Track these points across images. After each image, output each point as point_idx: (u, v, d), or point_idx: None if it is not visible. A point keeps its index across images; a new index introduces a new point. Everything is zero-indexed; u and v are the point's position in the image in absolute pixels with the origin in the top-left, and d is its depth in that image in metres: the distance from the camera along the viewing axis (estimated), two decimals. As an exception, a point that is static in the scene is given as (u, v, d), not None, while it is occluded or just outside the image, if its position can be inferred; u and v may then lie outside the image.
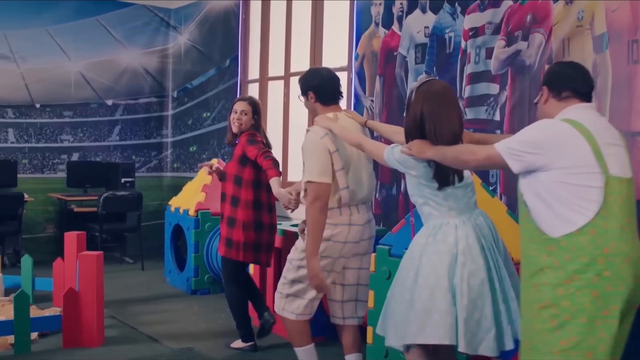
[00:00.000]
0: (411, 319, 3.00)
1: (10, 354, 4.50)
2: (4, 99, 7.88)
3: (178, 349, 4.62)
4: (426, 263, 3.01)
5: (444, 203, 3.05)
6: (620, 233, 2.54)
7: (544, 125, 2.70)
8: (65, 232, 5.83)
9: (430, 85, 3.07)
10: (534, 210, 2.67)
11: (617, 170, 2.58)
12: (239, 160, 4.55)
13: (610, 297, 2.51)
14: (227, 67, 7.90)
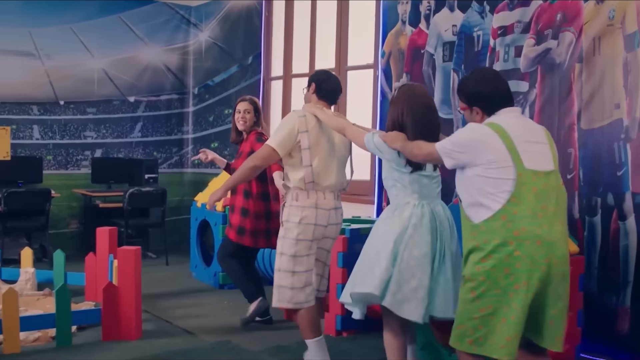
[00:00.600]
0: (358, 274, 3.57)
1: (52, 346, 4.59)
2: (29, 96, 7.97)
3: (216, 342, 4.70)
4: (380, 231, 3.54)
5: (408, 187, 3.53)
6: (532, 219, 2.94)
7: (470, 128, 3.13)
8: (97, 228, 5.92)
9: (412, 88, 3.65)
10: (464, 201, 3.13)
11: (532, 164, 2.98)
12: (248, 156, 4.62)
13: (520, 274, 2.92)
14: (250, 64, 7.98)
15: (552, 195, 3.01)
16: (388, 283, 3.40)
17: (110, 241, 5.78)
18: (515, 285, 2.92)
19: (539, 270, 2.92)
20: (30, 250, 6.10)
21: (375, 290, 3.41)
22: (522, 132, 3.04)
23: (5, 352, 4.40)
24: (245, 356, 4.42)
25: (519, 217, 2.93)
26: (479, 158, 3.01)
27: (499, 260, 2.94)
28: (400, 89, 3.66)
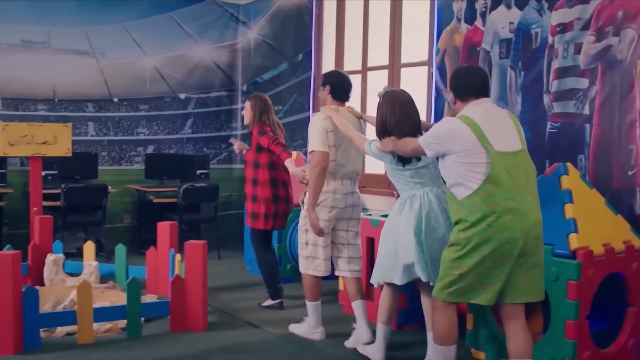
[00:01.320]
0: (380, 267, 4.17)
1: (123, 337, 4.74)
2: (85, 93, 8.17)
3: (281, 334, 4.82)
4: (400, 225, 4.05)
5: (410, 180, 4.08)
6: (506, 193, 3.44)
7: (444, 122, 3.69)
8: (158, 223, 6.08)
9: (393, 92, 4.21)
10: (447, 182, 3.64)
11: (501, 146, 3.48)
12: (255, 148, 5.54)
13: (496, 240, 3.43)
14: (300, 61, 8.08)
15: (522, 172, 3.52)
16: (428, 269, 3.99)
17: (171, 236, 5.93)
18: (490, 249, 3.44)
19: (514, 237, 3.43)
20: (92, 244, 6.26)
21: (424, 277, 4.03)
22: (490, 120, 3.54)
23: (80, 342, 4.56)
24: (311, 348, 4.53)
25: (495, 193, 3.44)
26: (454, 147, 3.51)
27: (479, 229, 3.45)
28: (383, 95, 4.19)
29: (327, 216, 4.58)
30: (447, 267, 3.59)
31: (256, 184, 5.52)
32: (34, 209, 6.49)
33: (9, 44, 7.79)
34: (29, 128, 6.41)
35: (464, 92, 3.68)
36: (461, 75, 3.76)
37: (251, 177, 5.57)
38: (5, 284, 4.28)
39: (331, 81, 4.76)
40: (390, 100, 4.14)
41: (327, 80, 4.78)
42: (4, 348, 4.30)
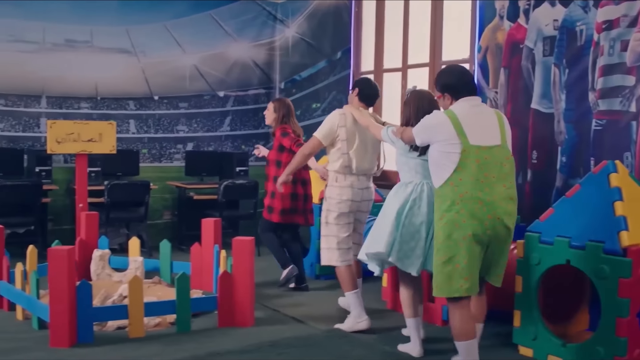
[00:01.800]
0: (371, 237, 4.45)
1: (173, 332, 4.82)
2: (126, 91, 8.29)
3: (327, 329, 4.87)
4: (389, 204, 4.42)
5: (413, 168, 4.40)
6: (474, 184, 3.68)
7: (431, 115, 4.01)
8: (202, 219, 6.15)
9: (420, 92, 4.55)
10: (431, 171, 3.91)
11: (476, 141, 3.73)
12: (278, 148, 6.04)
13: (466, 227, 3.67)
14: (339, 59, 8.13)
15: (496, 165, 3.76)
16: (393, 244, 4.29)
17: (215, 232, 6.01)
18: (462, 237, 3.68)
19: (482, 224, 3.69)
20: (138, 240, 6.36)
21: (383, 249, 4.31)
22: (472, 116, 3.81)
23: (131, 335, 4.65)
24: (359, 343, 4.57)
25: (462, 183, 3.69)
26: (436, 137, 3.82)
27: (450, 217, 3.70)
28: (411, 93, 4.56)
29: (348, 208, 4.97)
30: (434, 263, 3.86)
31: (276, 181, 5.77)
32: (79, 205, 6.60)
33: (53, 43, 7.94)
34: (75, 126, 6.51)
35: (458, 90, 3.93)
36: (456, 75, 4.00)
37: (273, 174, 5.99)
38: (60, 278, 4.38)
39: (361, 85, 5.19)
40: (417, 98, 4.47)
41: (358, 84, 5.23)
42: (60, 341, 4.40)
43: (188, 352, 4.36)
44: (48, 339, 4.49)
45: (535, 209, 5.55)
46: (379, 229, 4.40)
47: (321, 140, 5.00)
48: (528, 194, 5.70)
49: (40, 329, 4.80)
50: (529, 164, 5.71)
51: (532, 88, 5.68)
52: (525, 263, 4.38)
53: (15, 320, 5.08)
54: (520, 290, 4.41)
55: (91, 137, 6.56)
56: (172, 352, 4.37)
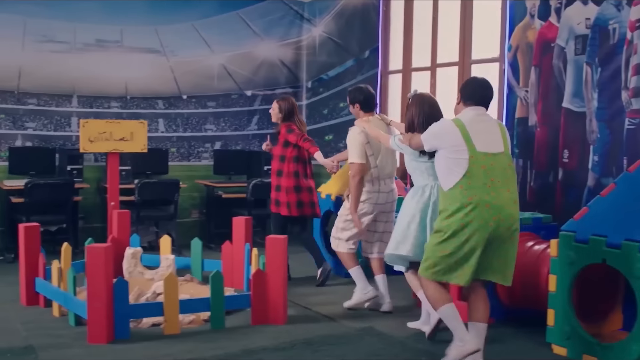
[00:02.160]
0: (391, 243, 4.78)
1: (207, 329, 4.87)
2: (156, 90, 8.37)
3: (360, 328, 4.90)
4: (410, 208, 4.69)
5: (425, 172, 4.66)
6: (482, 188, 3.94)
7: (440, 123, 4.27)
8: (233, 217, 6.21)
9: (421, 96, 4.79)
10: (438, 174, 4.17)
11: (483, 148, 4.00)
12: (283, 144, 6.29)
13: (472, 228, 3.94)
14: (366, 58, 8.15)
15: (500, 171, 4.02)
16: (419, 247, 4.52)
17: (246, 230, 6.06)
18: (467, 236, 3.95)
19: (487, 226, 3.94)
20: (169, 238, 6.43)
21: (409, 253, 4.65)
22: (478, 125, 4.08)
23: (166, 332, 4.71)
24: (392, 341, 4.59)
25: (471, 187, 3.95)
26: (444, 143, 4.07)
27: (458, 217, 3.96)
28: (413, 97, 4.79)
29: (372, 210, 5.43)
30: (431, 250, 4.14)
31: (281, 175, 6.25)
32: (111, 203, 6.68)
33: (84, 43, 8.04)
34: (108, 125, 6.60)
35: (469, 98, 4.22)
36: (473, 85, 4.32)
37: (277, 169, 6.31)
38: (98, 276, 4.45)
39: (359, 98, 5.56)
40: (419, 102, 4.73)
41: (355, 98, 5.59)
42: (97, 337, 4.47)
43: (223, 349, 4.41)
44: (85, 335, 4.56)
45: (566, 208, 5.56)
46: (403, 231, 4.69)
47: (361, 162, 5.32)
48: (559, 192, 5.70)
49: (77, 325, 4.87)
50: (559, 163, 5.70)
51: (563, 87, 5.67)
52: (559, 262, 4.38)
53: (52, 317, 5.16)
54: (554, 290, 4.41)
55: (123, 136, 6.64)
56: (207, 349, 4.42)
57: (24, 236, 5.54)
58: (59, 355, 4.26)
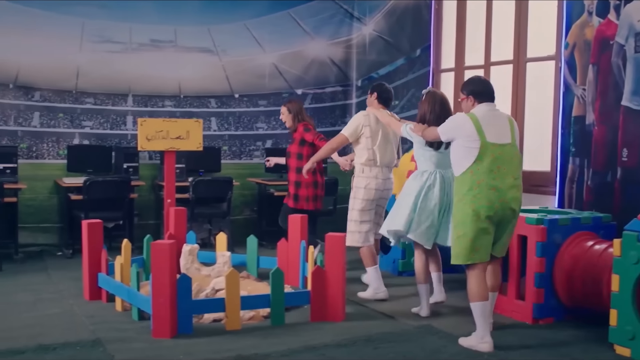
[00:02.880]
0: (387, 218, 5.40)
1: (267, 325, 4.94)
2: (208, 89, 8.48)
3: (419, 325, 4.92)
4: (407, 188, 5.31)
5: (428, 160, 5.27)
6: (489, 174, 4.43)
7: (456, 117, 4.71)
8: (290, 215, 6.27)
9: (434, 93, 5.34)
10: (452, 161, 4.63)
11: (492, 139, 4.46)
12: (299, 142, 6.65)
13: (480, 209, 4.42)
14: (418, 56, 8.15)
15: (507, 160, 4.50)
16: (411, 223, 5.16)
17: (302, 228, 6.11)
18: (476, 217, 4.43)
19: (493, 207, 4.43)
20: (225, 235, 6.52)
21: (402, 227, 5.19)
22: (489, 119, 4.53)
23: (228, 328, 4.78)
24: (452, 340, 4.59)
25: (480, 172, 4.44)
26: (459, 134, 4.54)
27: (468, 200, 4.45)
28: (426, 94, 5.33)
29: (373, 196, 5.81)
30: (452, 236, 4.64)
31: (300, 172, 6.48)
32: (167, 200, 6.79)
33: (139, 43, 8.18)
34: (165, 123, 6.69)
35: (482, 96, 4.66)
36: (482, 83, 4.77)
37: (295, 166, 6.65)
38: (163, 272, 4.54)
39: (378, 89, 6.02)
40: (432, 100, 5.26)
41: (375, 88, 6.04)
42: (162, 332, 4.56)
43: (285, 345, 4.46)
44: (149, 329, 4.66)
45: (625, 206, 5.51)
46: (398, 209, 5.29)
47: (348, 137, 5.88)
48: (617, 191, 5.64)
49: (140, 320, 4.98)
50: (618, 162, 5.65)
51: (622, 85, 5.61)
52: (622, 262, 4.34)
53: (115, 311, 5.27)
54: (617, 290, 4.38)
55: (179, 134, 6.73)
56: (270, 344, 4.48)
57: (87, 232, 5.67)
58: (126, 348, 4.35)
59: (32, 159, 7.87)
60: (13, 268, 6.85)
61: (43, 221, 7.87)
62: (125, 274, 5.43)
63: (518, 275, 5.20)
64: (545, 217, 5.01)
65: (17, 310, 5.25)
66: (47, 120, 7.92)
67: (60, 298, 5.69)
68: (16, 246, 7.30)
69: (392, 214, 5.34)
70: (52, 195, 7.93)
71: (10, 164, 7.31)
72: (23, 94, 7.79)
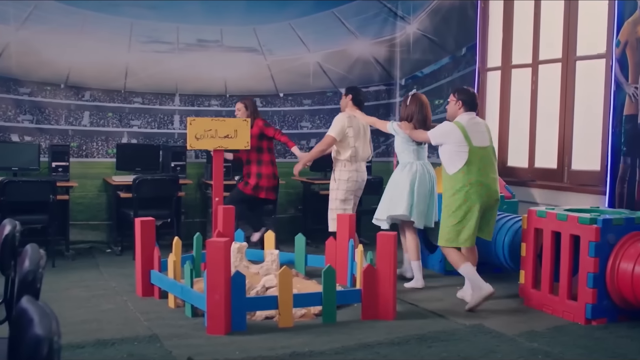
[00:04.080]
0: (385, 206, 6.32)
1: (318, 322, 4.98)
2: (254, 89, 8.55)
3: (471, 325, 4.92)
4: (400, 179, 6.23)
5: (412, 153, 6.25)
6: (478, 172, 5.39)
7: (445, 125, 5.60)
8: (338, 214, 6.30)
9: (419, 96, 6.32)
10: (443, 162, 5.52)
11: (477, 143, 5.43)
12: (258, 137, 7.20)
13: (472, 202, 5.39)
14: (463, 55, 8.12)
15: (488, 160, 5.48)
16: (411, 208, 6.14)
17: (350, 227, 6.14)
18: (469, 208, 5.40)
19: (481, 199, 5.40)
20: (273, 233, 6.58)
21: (406, 212, 6.14)
22: (472, 126, 5.47)
23: (281, 325, 4.83)
24: (505, 339, 4.59)
25: (470, 172, 5.38)
26: (449, 140, 5.46)
27: (461, 194, 5.39)
28: (412, 97, 6.30)
29: (353, 187, 6.60)
30: (444, 223, 5.55)
31: (261, 164, 7.24)
32: (216, 199, 6.86)
33: (186, 43, 8.29)
34: (213, 123, 6.76)
35: (468, 105, 5.60)
36: (472, 96, 5.68)
37: (257, 159, 7.26)
38: (218, 269, 4.60)
39: (353, 92, 6.80)
40: (418, 102, 6.24)
41: (351, 91, 6.81)
42: (216, 328, 4.63)
43: (338, 342, 4.49)
44: (203, 326, 4.74)
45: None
46: (397, 197, 6.17)
47: (335, 137, 6.55)
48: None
49: (194, 316, 5.05)
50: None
51: (677, 83, 5.54)
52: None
53: (168, 308, 5.36)
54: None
55: (227, 133, 6.80)
56: (323, 342, 4.51)
57: (140, 230, 5.76)
58: (183, 344, 4.42)
59: (82, 157, 8.01)
60: (65, 264, 6.99)
61: (92, 218, 8.01)
62: (177, 271, 5.51)
63: (570, 276, 5.17)
64: (599, 217, 4.97)
65: (73, 306, 5.36)
66: (97, 120, 8.07)
67: (113, 294, 5.80)
68: (67, 243, 7.45)
69: (389, 202, 6.25)
70: (101, 193, 8.07)
71: (63, 162, 7.46)
72: (74, 93, 7.94)
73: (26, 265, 2.56)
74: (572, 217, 5.09)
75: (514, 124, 7.46)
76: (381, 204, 6.36)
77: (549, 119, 6.92)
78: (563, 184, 6.68)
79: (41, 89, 7.80)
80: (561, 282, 5.21)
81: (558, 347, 4.46)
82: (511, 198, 6.84)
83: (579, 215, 5.07)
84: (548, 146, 6.93)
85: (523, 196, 6.98)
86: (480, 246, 5.74)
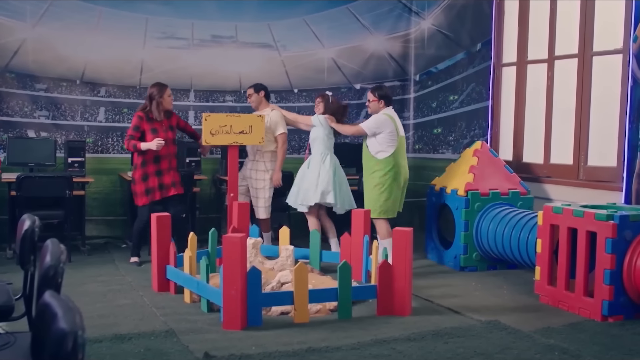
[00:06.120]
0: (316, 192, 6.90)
1: (334, 318, 4.99)
2: (268, 84, 8.42)
3: (486, 321, 4.90)
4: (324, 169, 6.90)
5: (326, 144, 7.03)
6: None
7: (380, 117, 6.57)
8: (352, 210, 6.30)
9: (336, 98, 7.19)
10: (375, 149, 6.57)
11: (401, 133, 6.59)
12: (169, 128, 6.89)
13: (398, 180, 6.54)
14: (478, 50, 8.09)
15: (404, 146, 6.68)
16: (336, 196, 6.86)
17: (365, 222, 6.14)
18: (396, 186, 6.53)
19: (402, 178, 6.57)
20: (288, 229, 6.59)
21: (333, 200, 6.83)
22: (395, 118, 6.61)
23: (296, 321, 4.85)
24: (521, 336, 4.58)
25: (396, 156, 6.51)
26: (384, 129, 6.49)
27: (391, 174, 6.50)
28: (331, 96, 7.09)
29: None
30: (376, 199, 6.55)
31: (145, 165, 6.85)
32: (230, 194, 6.89)
33: (200, 39, 8.32)
34: (228, 118, 6.80)
35: (388, 100, 6.71)
36: (388, 91, 6.88)
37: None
38: (234, 265, 4.61)
39: (265, 88, 7.31)
40: (337, 102, 7.12)
41: (262, 87, 7.30)
42: (232, 323, 4.64)
43: (354, 338, 4.50)
44: (219, 321, 4.76)
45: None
46: (322, 186, 6.81)
47: (285, 132, 7.22)
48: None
49: (209, 311, 5.08)
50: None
51: (695, 79, 5.50)
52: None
53: (184, 303, 5.38)
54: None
55: (242, 129, 6.83)
56: (339, 337, 4.52)
57: (156, 225, 5.79)
58: (199, 339, 4.44)
59: (97, 153, 8.06)
60: (81, 259, 7.03)
61: (108, 214, 8.06)
62: (192, 267, 5.53)
63: (586, 272, 5.15)
64: (616, 213, 4.95)
65: (90, 301, 5.39)
66: (112, 115, 8.11)
67: (129, 289, 5.83)
68: (83, 238, 7.49)
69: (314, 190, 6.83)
70: (117, 188, 8.11)
71: (79, 158, 7.49)
72: (89, 89, 7.98)
73: (47, 260, 2.58)
74: (588, 213, 5.07)
75: (530, 120, 7.43)
76: (307, 191, 6.90)
77: (564, 115, 6.89)
78: (579, 181, 6.65)
79: (57, 85, 7.85)
80: (577, 278, 5.19)
81: (574, 343, 4.45)
82: (526, 194, 6.81)
83: (595, 211, 5.04)
84: (564, 142, 6.90)
85: (538, 192, 6.96)
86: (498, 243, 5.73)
